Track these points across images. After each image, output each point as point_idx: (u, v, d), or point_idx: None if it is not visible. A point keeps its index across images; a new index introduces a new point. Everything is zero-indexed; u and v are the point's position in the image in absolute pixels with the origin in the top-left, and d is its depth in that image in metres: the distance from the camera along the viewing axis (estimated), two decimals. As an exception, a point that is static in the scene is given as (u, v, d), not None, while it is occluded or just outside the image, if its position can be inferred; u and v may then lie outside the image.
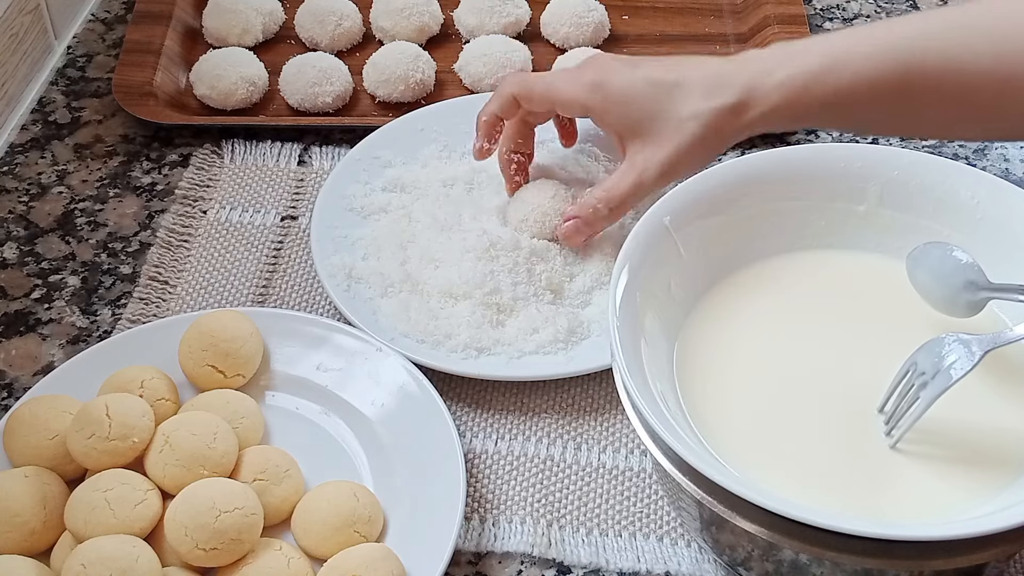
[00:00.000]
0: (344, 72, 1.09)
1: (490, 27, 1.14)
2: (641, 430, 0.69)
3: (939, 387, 0.68)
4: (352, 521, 0.75)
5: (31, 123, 1.08)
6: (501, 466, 0.83)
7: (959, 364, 0.68)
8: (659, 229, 0.76)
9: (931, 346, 0.70)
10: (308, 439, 0.83)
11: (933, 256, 0.75)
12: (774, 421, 0.72)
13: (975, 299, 0.74)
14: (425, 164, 1.00)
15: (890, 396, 0.71)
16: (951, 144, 1.05)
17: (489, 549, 0.79)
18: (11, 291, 0.94)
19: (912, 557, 0.63)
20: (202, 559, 0.73)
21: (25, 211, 1.01)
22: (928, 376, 0.69)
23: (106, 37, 1.17)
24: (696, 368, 0.75)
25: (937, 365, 0.69)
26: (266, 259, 0.96)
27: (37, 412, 0.79)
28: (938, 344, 0.69)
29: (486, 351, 0.87)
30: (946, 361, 0.69)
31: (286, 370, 0.86)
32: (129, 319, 0.91)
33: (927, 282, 0.75)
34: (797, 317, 0.77)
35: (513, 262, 0.90)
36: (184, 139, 1.06)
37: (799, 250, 0.80)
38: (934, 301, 0.75)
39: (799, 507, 0.63)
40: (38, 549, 0.75)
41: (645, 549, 0.79)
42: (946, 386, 0.68)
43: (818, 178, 0.80)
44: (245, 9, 1.14)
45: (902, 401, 0.70)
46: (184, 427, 0.78)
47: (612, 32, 1.16)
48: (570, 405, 0.86)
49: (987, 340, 0.69)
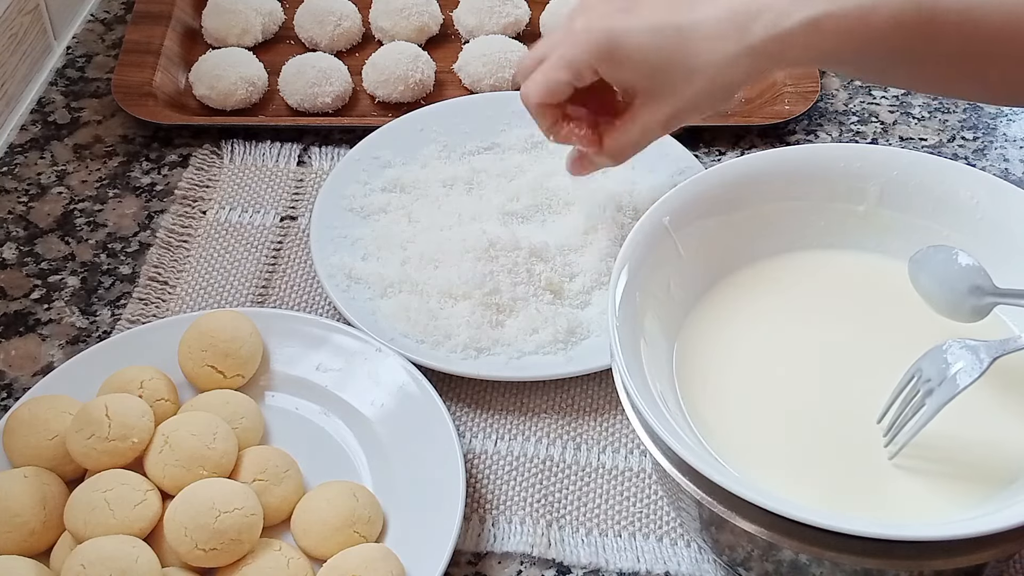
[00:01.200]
0: (344, 72, 1.09)
1: (490, 27, 1.14)
2: (641, 430, 0.69)
3: (946, 395, 0.67)
4: (352, 521, 0.75)
5: (31, 123, 1.08)
6: (501, 466, 0.83)
7: (966, 371, 0.67)
8: (659, 229, 0.76)
9: (936, 352, 0.68)
10: (308, 439, 0.83)
11: (937, 259, 0.74)
12: (774, 421, 0.72)
13: (980, 304, 0.73)
14: (425, 164, 1.00)
15: (890, 406, 0.69)
16: (951, 144, 1.06)
17: (489, 549, 0.79)
18: (11, 291, 0.94)
19: (912, 557, 0.63)
20: (202, 559, 0.73)
21: (25, 211, 1.01)
22: (934, 383, 0.67)
23: (106, 37, 1.17)
24: (696, 368, 0.75)
25: (944, 372, 0.67)
26: (266, 259, 0.96)
27: (37, 412, 0.79)
28: (944, 350, 0.68)
29: (486, 351, 0.87)
30: (953, 368, 0.67)
31: (286, 370, 0.86)
32: (129, 319, 0.91)
33: (931, 286, 0.75)
34: (797, 317, 0.77)
35: (513, 262, 0.90)
36: (184, 139, 1.06)
37: (799, 250, 0.80)
38: (937, 305, 0.75)
39: (799, 507, 0.63)
40: (38, 549, 0.75)
41: (645, 549, 0.79)
42: (953, 394, 0.67)
43: (818, 178, 0.80)
44: (244, 9, 1.14)
45: (906, 408, 0.68)
46: (184, 427, 0.78)
47: (612, 32, 1.16)
48: (570, 405, 0.86)
49: (995, 346, 0.68)
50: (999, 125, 1.08)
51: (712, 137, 1.05)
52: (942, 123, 1.08)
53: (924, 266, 0.75)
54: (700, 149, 1.03)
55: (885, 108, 1.09)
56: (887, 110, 1.09)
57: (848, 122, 1.08)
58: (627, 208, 0.95)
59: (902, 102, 1.10)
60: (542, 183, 0.97)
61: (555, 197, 0.97)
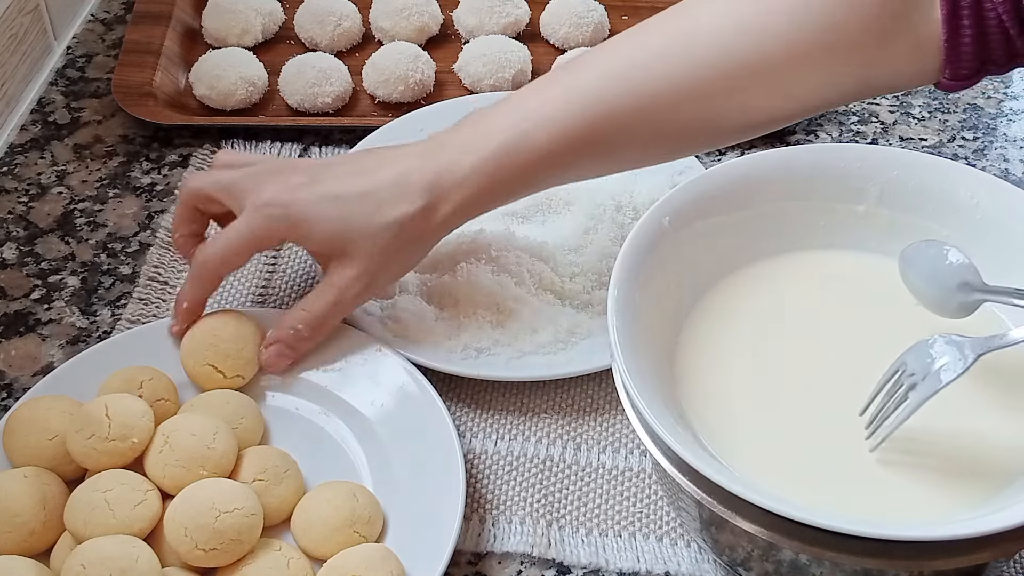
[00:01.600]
0: (344, 72, 1.09)
1: (490, 27, 1.14)
2: (641, 430, 0.69)
3: (928, 390, 0.67)
4: (352, 521, 0.75)
5: (31, 123, 1.08)
6: (501, 466, 0.83)
7: (950, 367, 0.67)
8: (659, 229, 0.76)
9: (922, 347, 0.69)
10: (308, 439, 0.83)
11: (927, 255, 0.74)
12: (774, 421, 0.72)
13: (968, 300, 0.73)
14: (425, 164, 1.00)
15: (873, 398, 0.70)
16: (951, 144, 1.06)
17: (489, 549, 0.79)
18: (11, 291, 0.94)
19: (912, 557, 0.63)
20: (202, 559, 0.73)
21: (25, 211, 1.01)
22: (918, 377, 0.67)
23: (106, 37, 1.18)
24: (696, 368, 0.75)
25: (928, 367, 0.67)
26: (266, 259, 0.96)
27: (37, 412, 0.79)
28: (929, 345, 0.68)
29: (486, 351, 0.87)
30: (937, 363, 0.67)
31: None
32: (129, 319, 0.91)
33: (919, 281, 0.75)
34: (797, 317, 0.77)
35: (513, 262, 0.90)
36: (184, 139, 1.06)
37: (799, 250, 0.79)
38: (926, 301, 0.75)
39: (799, 507, 0.63)
40: (38, 549, 0.75)
41: (645, 549, 0.79)
42: (935, 389, 0.67)
43: (818, 178, 0.80)
44: (245, 9, 1.14)
45: (889, 401, 0.69)
46: (184, 427, 0.78)
47: (612, 32, 1.16)
48: (570, 405, 0.86)
49: (980, 343, 0.68)
50: (999, 125, 1.08)
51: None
52: (942, 123, 1.08)
53: (913, 261, 0.75)
54: (700, 149, 1.03)
55: (885, 108, 1.09)
56: (887, 110, 1.09)
57: (848, 122, 1.08)
58: (627, 208, 0.95)
59: (902, 102, 1.10)
60: (542, 183, 0.97)
61: (555, 197, 0.97)
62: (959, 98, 1.10)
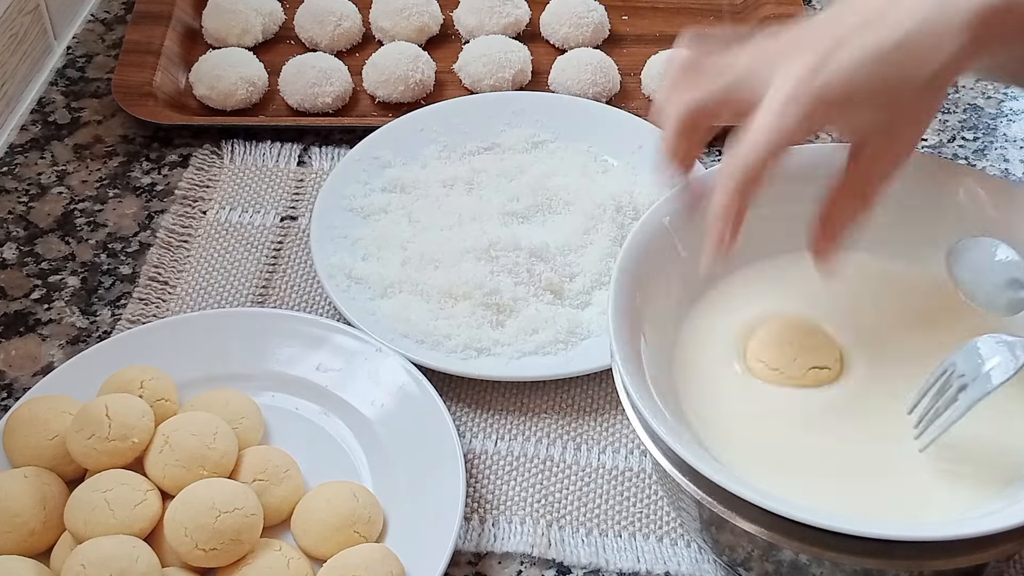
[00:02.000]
0: (344, 72, 1.09)
1: (490, 27, 1.14)
2: (641, 430, 0.69)
3: (979, 391, 0.66)
4: (352, 521, 0.75)
5: (31, 123, 1.08)
6: (501, 466, 0.83)
7: (1001, 367, 0.67)
8: (659, 229, 0.76)
9: (971, 348, 0.68)
10: (308, 439, 0.83)
11: (976, 251, 0.73)
12: (774, 421, 0.72)
13: (1017, 297, 0.72)
14: (425, 164, 1.00)
15: (921, 399, 0.69)
16: (951, 144, 1.06)
17: (489, 549, 0.79)
18: (11, 291, 0.94)
19: (912, 557, 0.63)
20: (202, 559, 0.73)
21: (25, 211, 1.01)
22: (968, 378, 0.67)
23: (106, 37, 1.17)
24: (696, 368, 0.75)
25: (978, 368, 0.67)
26: (266, 259, 0.96)
27: (37, 412, 0.79)
28: (978, 345, 0.68)
29: (486, 351, 0.87)
30: (987, 364, 0.67)
31: (286, 370, 0.86)
32: (129, 319, 0.91)
33: (967, 277, 0.74)
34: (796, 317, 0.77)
35: (513, 262, 0.90)
36: (184, 139, 1.06)
37: (799, 250, 0.79)
38: (974, 296, 0.74)
39: (799, 507, 0.63)
40: (38, 549, 0.75)
41: (645, 549, 0.79)
42: (987, 391, 0.66)
43: (818, 178, 0.80)
44: (245, 9, 1.14)
45: (939, 402, 0.68)
46: (184, 427, 0.78)
47: (612, 32, 1.16)
48: (570, 405, 0.86)
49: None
50: (999, 125, 1.08)
51: (712, 137, 1.04)
52: (942, 123, 1.08)
53: (961, 257, 0.74)
54: (700, 149, 1.03)
55: (885, 108, 1.09)
56: (887, 110, 1.09)
57: (848, 122, 1.08)
58: (627, 208, 0.95)
59: (902, 102, 1.10)
60: (542, 183, 0.97)
61: (555, 197, 0.97)
62: (959, 98, 1.10)
